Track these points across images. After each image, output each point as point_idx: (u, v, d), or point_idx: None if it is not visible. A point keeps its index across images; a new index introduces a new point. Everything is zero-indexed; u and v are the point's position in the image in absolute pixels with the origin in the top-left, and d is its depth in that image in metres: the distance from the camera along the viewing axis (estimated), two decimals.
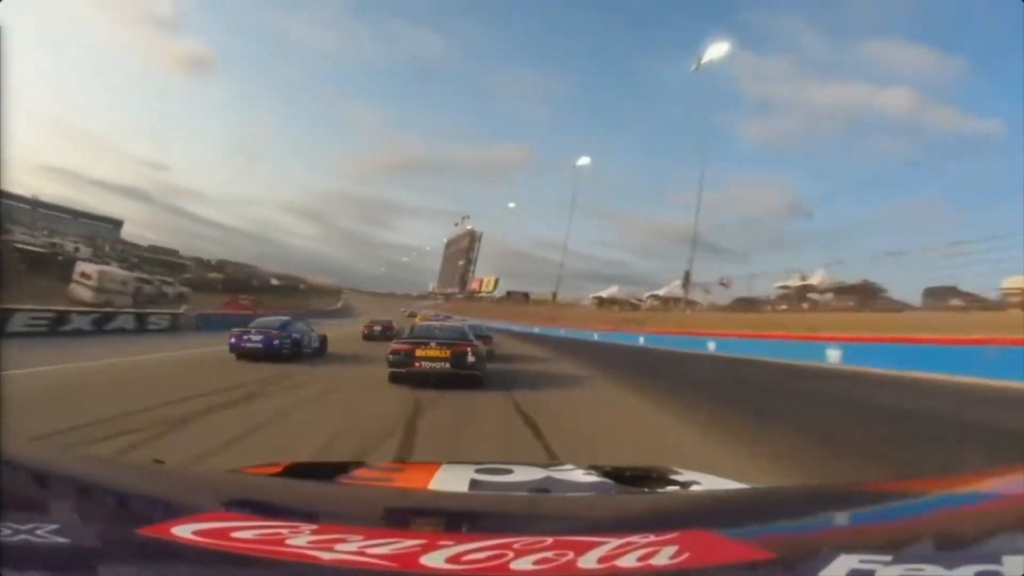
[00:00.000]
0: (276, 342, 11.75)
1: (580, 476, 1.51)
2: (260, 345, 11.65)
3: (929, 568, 0.53)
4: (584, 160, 57.33)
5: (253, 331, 11.98)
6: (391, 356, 8.72)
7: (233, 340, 12.00)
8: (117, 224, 66.82)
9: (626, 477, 1.55)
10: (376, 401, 7.20)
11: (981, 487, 0.97)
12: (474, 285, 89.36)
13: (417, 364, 8.41)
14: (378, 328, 21.87)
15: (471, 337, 9.38)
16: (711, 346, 23.10)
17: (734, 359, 18.70)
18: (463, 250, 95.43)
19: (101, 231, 60.80)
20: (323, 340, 13.96)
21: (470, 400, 7.45)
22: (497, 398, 7.78)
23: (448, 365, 8.35)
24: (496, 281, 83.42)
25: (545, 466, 1.57)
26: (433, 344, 8.58)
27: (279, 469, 1.51)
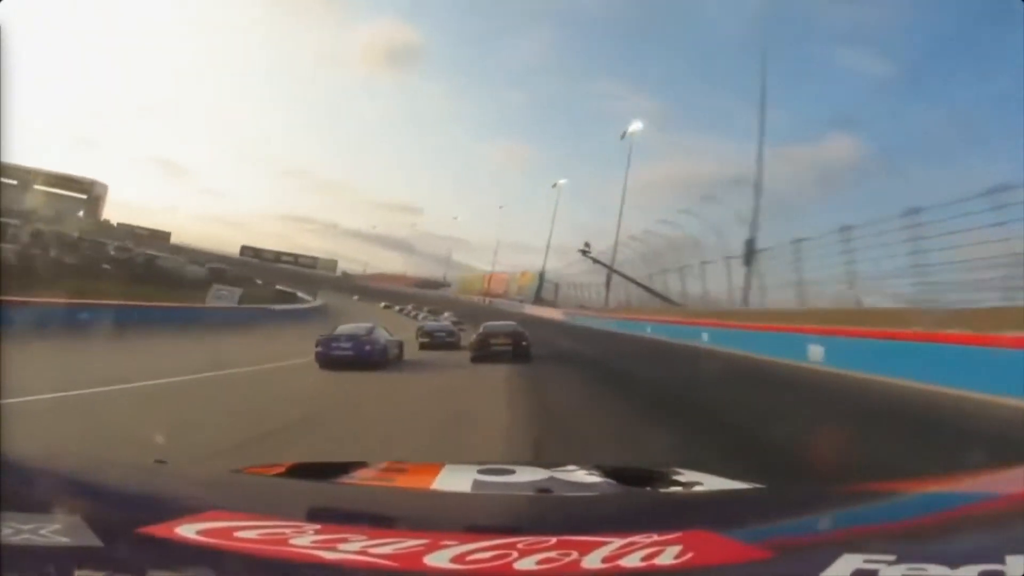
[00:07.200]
0: (367, 348, 11.70)
1: (582, 476, 1.51)
2: (351, 352, 11.50)
3: (932, 568, 0.52)
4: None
5: (343, 338, 11.74)
6: (473, 344, 13.84)
7: (320, 349, 11.59)
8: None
9: (628, 477, 1.55)
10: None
11: (984, 486, 0.97)
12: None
13: (491, 348, 13.45)
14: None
15: (522, 331, 14.52)
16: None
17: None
18: None
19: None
20: (401, 346, 13.70)
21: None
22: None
23: (511, 348, 13.49)
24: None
25: (547, 466, 1.57)
26: (501, 336, 13.86)
27: (282, 469, 1.51)
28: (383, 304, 44.78)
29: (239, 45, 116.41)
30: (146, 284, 22.85)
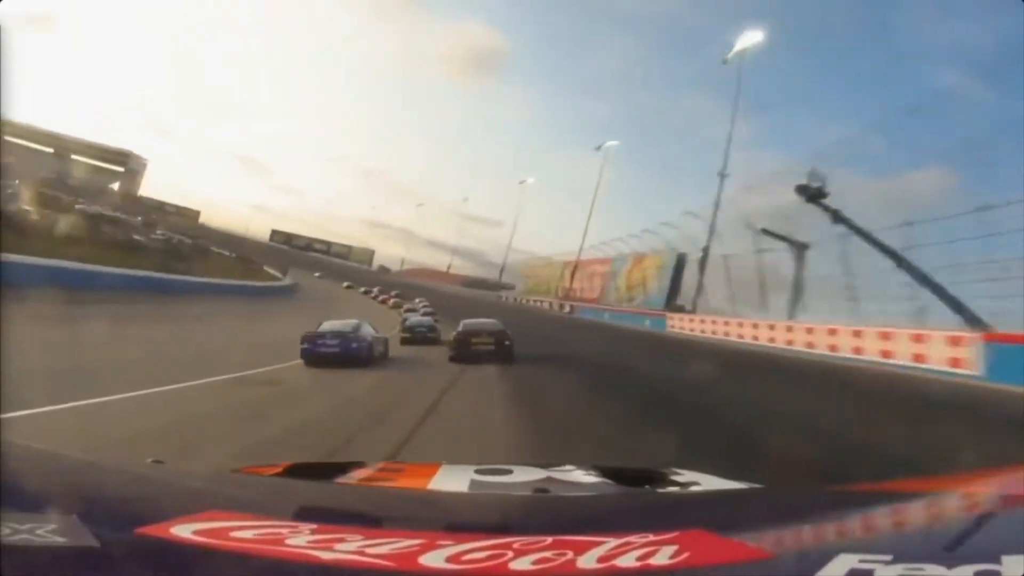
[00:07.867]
0: (354, 345, 11.64)
1: (580, 476, 1.51)
2: (337, 349, 11.40)
3: (928, 567, 0.53)
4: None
5: (328, 336, 11.60)
6: (452, 343, 12.98)
7: (306, 346, 11.45)
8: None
9: (625, 477, 1.56)
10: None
11: (980, 486, 0.97)
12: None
13: (471, 348, 12.63)
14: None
15: (505, 330, 13.61)
16: None
17: None
18: None
19: None
20: (386, 343, 13.48)
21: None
22: None
23: (493, 347, 12.66)
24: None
25: (545, 466, 1.58)
26: (484, 335, 13.00)
27: (279, 469, 1.51)
28: (346, 284, 43.44)
29: (322, 45, 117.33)
30: None
